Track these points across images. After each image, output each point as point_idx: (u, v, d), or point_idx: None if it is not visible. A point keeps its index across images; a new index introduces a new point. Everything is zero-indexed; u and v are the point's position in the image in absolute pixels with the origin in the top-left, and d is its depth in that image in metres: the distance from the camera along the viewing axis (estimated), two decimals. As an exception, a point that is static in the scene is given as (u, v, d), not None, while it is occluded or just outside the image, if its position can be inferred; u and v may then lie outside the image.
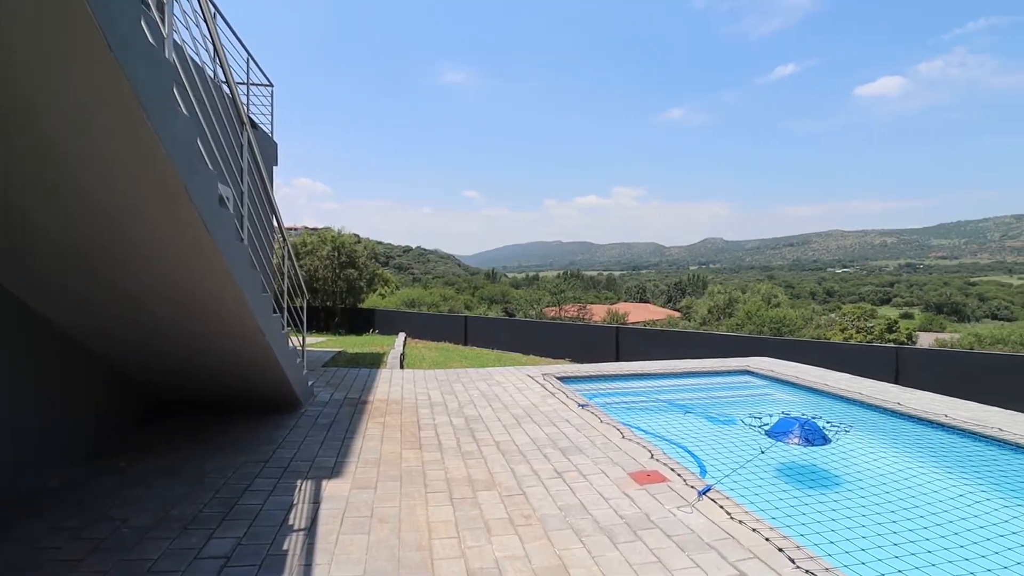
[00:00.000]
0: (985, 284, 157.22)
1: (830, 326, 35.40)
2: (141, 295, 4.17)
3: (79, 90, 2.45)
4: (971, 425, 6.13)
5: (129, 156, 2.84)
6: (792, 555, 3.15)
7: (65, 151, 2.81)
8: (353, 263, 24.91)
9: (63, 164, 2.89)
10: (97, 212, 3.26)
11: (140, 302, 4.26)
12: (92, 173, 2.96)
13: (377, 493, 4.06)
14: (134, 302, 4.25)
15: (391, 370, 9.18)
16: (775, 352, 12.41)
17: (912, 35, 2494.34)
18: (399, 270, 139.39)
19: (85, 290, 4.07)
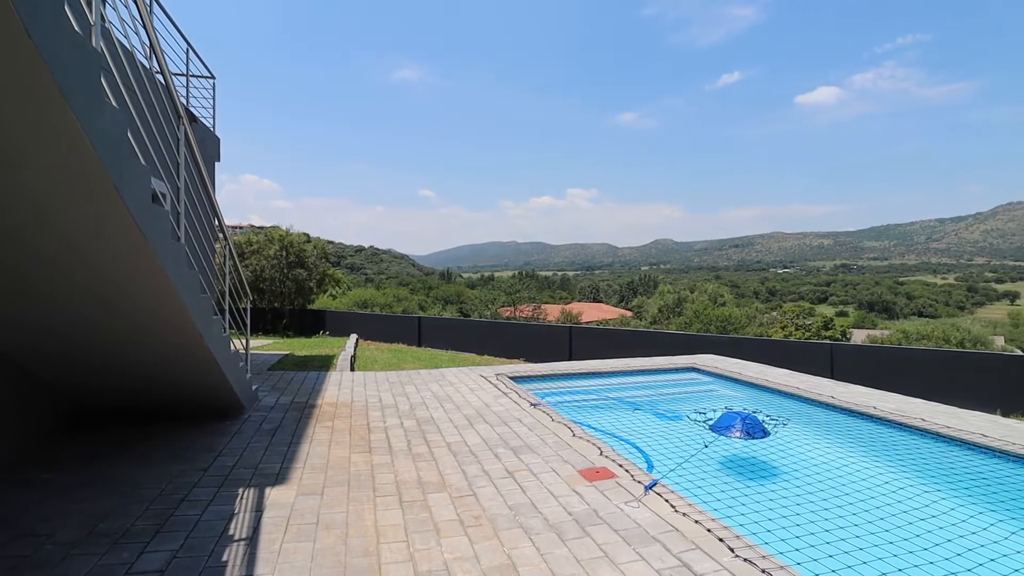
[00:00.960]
0: (912, 284, 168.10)
1: (772, 324, 37.00)
2: (66, 297, 3.93)
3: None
4: (896, 416, 6.53)
5: (50, 149, 2.67)
6: (732, 544, 3.27)
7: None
8: (302, 263, 24.24)
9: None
10: (10, 208, 3.04)
11: (62, 303, 4.01)
12: (5, 167, 2.76)
13: (324, 499, 3.96)
14: (56, 303, 4.00)
15: (341, 373, 8.98)
16: (721, 350, 12.86)
17: (847, 48, 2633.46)
18: (351, 270, 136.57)
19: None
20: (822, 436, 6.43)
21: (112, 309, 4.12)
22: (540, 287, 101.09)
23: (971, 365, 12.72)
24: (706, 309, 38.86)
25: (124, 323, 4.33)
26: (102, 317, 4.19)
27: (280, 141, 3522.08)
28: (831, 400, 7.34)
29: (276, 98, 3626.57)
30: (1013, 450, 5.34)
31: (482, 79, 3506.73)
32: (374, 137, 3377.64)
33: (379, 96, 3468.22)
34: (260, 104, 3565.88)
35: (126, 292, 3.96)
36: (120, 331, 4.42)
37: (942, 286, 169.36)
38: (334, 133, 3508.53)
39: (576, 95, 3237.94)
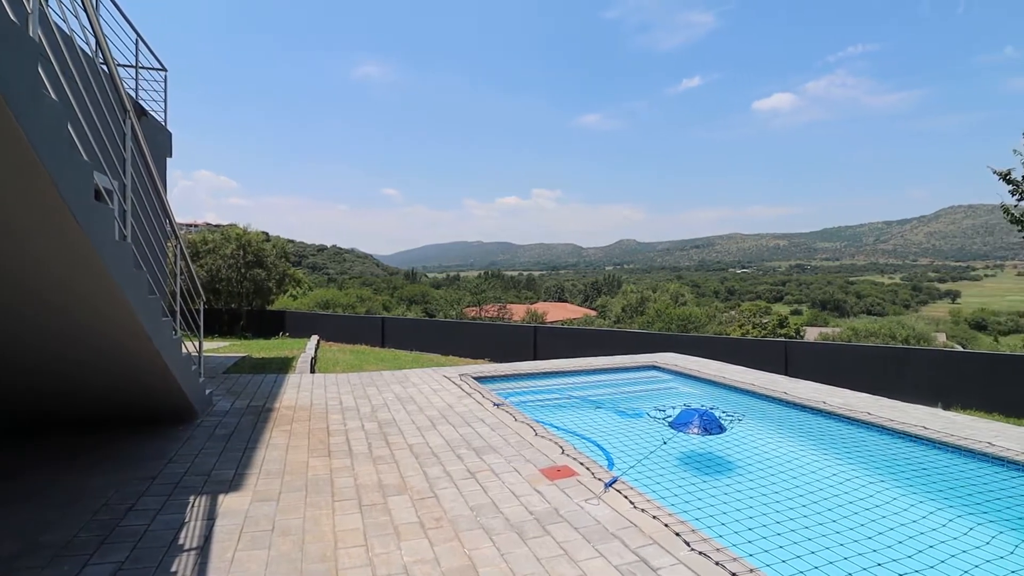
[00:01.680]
0: (861, 283, 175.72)
1: (730, 323, 38.01)
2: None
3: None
4: (844, 410, 6.81)
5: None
6: (688, 539, 3.34)
7: None
8: (261, 262, 23.58)
9: None
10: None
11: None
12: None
13: (280, 505, 3.86)
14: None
15: (300, 375, 8.78)
16: (682, 348, 13.14)
17: (801, 56, 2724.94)
18: (313, 270, 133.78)
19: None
20: (775, 431, 6.64)
21: (49, 307, 3.92)
22: (506, 287, 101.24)
23: (915, 361, 13.36)
24: (668, 308, 39.65)
25: (63, 320, 4.12)
26: (37, 314, 3.98)
27: (237, 137, 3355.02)
28: (784, 396, 7.59)
29: (233, 92, 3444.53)
30: (951, 441, 5.63)
31: (446, 77, 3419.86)
32: (336, 134, 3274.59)
33: (341, 92, 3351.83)
34: (216, 98, 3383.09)
35: (68, 291, 3.77)
36: (57, 329, 4.21)
37: (889, 285, 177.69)
38: (295, 129, 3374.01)
39: (541, 95, 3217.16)
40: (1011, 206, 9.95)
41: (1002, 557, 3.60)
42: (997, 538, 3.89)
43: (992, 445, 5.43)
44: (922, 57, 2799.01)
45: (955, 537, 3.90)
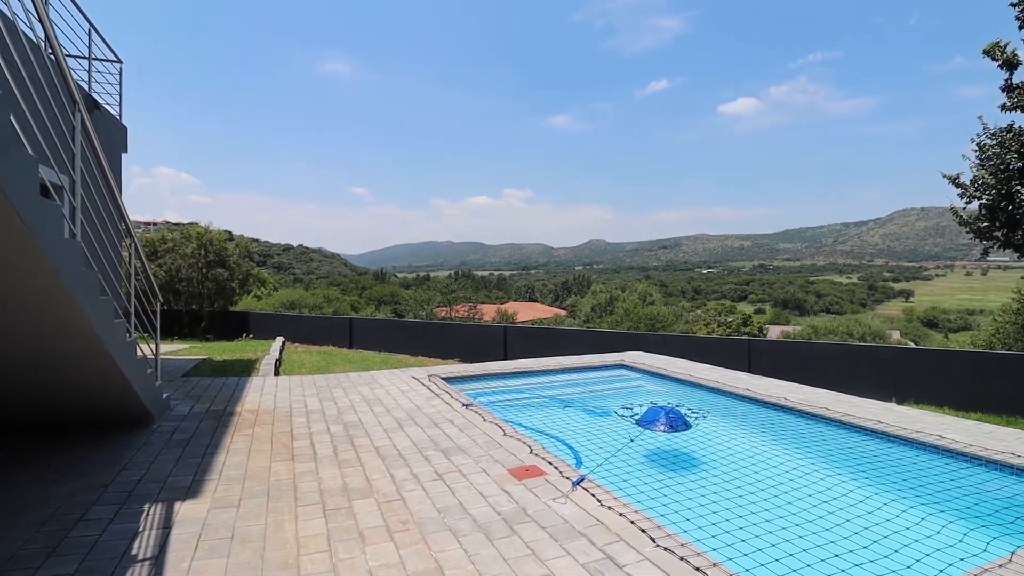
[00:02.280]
0: (821, 283, 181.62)
1: (697, 321, 38.75)
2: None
3: None
4: (804, 406, 7.01)
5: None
6: (653, 535, 3.38)
7: None
8: (223, 262, 22.93)
9: None
10: None
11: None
12: None
13: (240, 511, 3.75)
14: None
15: (264, 377, 8.56)
16: (650, 347, 13.33)
17: (765, 62, 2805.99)
18: (278, 270, 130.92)
19: None
20: (738, 427, 6.79)
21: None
22: (476, 287, 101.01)
23: (871, 357, 13.86)
24: (636, 308, 40.20)
25: (6, 319, 3.92)
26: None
27: (199, 133, 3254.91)
28: (747, 392, 7.77)
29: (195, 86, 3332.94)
30: (904, 435, 5.85)
31: (415, 75, 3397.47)
32: (303, 131, 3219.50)
33: (308, 88, 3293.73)
34: (176, 92, 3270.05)
35: (13, 290, 3.59)
36: (16, 334, 4.00)
37: (847, 285, 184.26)
38: (260, 125, 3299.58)
39: (510, 95, 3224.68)
40: (960, 209, 10.41)
41: (951, 546, 3.75)
42: (947, 527, 4.05)
43: (942, 438, 5.66)
44: (878, 65, 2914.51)
45: (907, 527, 4.05)
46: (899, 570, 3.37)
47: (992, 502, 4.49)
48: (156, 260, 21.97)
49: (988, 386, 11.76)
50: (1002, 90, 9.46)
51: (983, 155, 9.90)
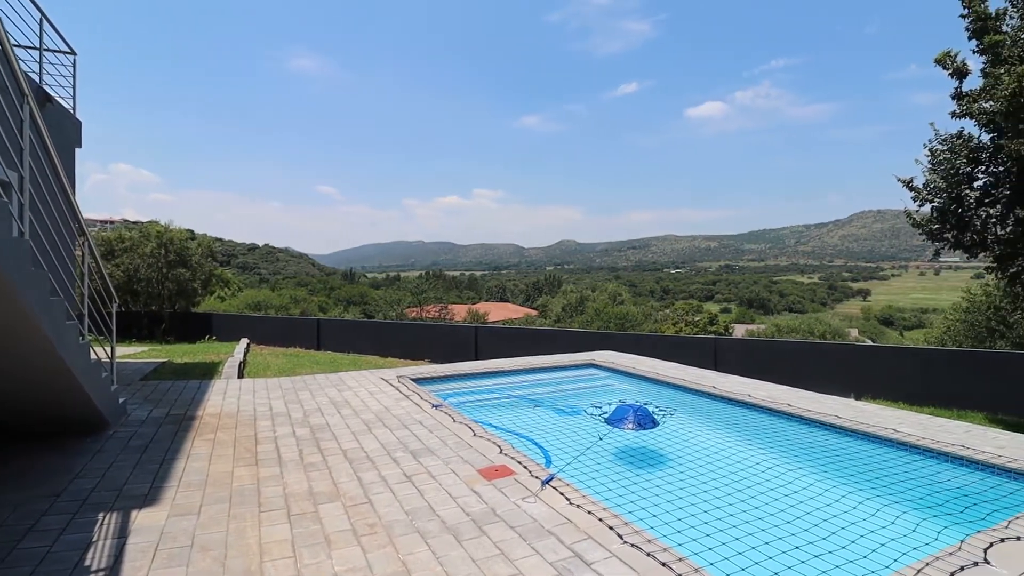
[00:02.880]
0: (784, 283, 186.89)
1: (665, 321, 39.37)
2: None
3: None
4: (767, 402, 7.19)
5: None
6: (621, 532, 3.42)
7: None
8: (185, 262, 22.25)
9: None
10: None
11: None
12: None
13: (200, 519, 3.64)
14: None
15: (227, 380, 8.34)
16: (619, 346, 13.47)
17: (730, 67, 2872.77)
18: (243, 270, 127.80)
19: None
20: (704, 423, 6.92)
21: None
22: (448, 287, 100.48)
23: (831, 355, 14.31)
24: (606, 307, 40.64)
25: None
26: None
27: (160, 128, 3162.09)
28: (712, 390, 7.93)
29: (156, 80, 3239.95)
30: (861, 429, 6.06)
31: (385, 73, 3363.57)
32: (269, 128, 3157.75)
33: (274, 84, 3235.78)
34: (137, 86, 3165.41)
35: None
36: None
37: (808, 285, 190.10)
38: (223, 121, 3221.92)
39: (482, 94, 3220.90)
40: (913, 212, 10.81)
41: (905, 535, 3.90)
42: (901, 517, 4.21)
43: (896, 431, 5.88)
44: (838, 72, 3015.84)
45: (864, 518, 4.19)
46: (855, 560, 3.48)
47: (943, 492, 4.68)
48: (113, 260, 21.19)
49: (940, 381, 12.28)
50: (952, 98, 9.87)
51: (935, 160, 10.31)
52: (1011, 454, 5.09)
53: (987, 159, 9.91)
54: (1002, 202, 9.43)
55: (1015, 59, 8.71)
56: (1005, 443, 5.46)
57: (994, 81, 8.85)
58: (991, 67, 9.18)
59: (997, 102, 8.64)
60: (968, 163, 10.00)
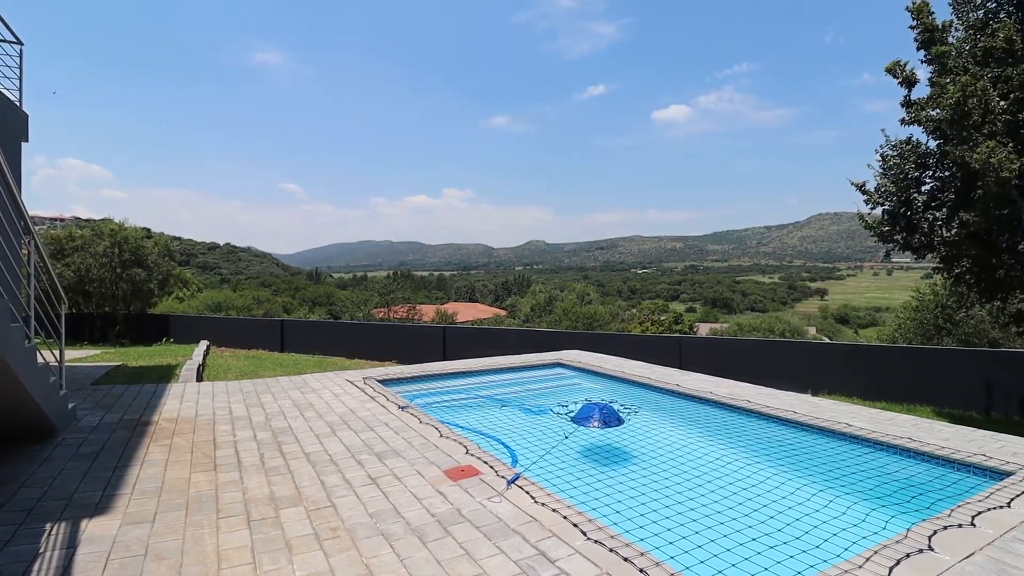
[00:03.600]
0: (746, 283, 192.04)
1: (632, 320, 39.93)
2: None
3: None
4: (729, 399, 7.38)
5: None
6: (585, 529, 3.46)
7: None
8: (140, 261, 21.47)
9: None
10: None
11: None
12: None
13: (155, 527, 3.53)
14: None
15: (185, 384, 8.09)
16: (587, 345, 13.61)
17: (694, 71, 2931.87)
18: (203, 270, 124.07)
19: None
20: (667, 420, 7.06)
21: None
22: (416, 287, 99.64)
23: (789, 352, 14.77)
24: (574, 307, 40.97)
25: None
26: None
27: (114, 122, 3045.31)
28: (676, 388, 8.09)
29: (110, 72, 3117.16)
30: (816, 423, 6.28)
31: (352, 70, 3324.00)
32: (231, 123, 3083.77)
33: (236, 78, 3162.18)
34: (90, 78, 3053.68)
35: None
36: None
37: (769, 284, 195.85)
38: (182, 116, 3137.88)
39: (451, 94, 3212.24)
40: (866, 214, 11.25)
41: (855, 525, 4.07)
42: (852, 508, 4.38)
43: (849, 425, 6.11)
44: (797, 78, 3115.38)
45: (817, 509, 4.35)
46: (809, 550, 3.61)
47: (891, 483, 4.89)
48: (63, 259, 20.31)
49: (891, 377, 12.82)
50: (902, 105, 10.31)
51: (885, 165, 10.76)
52: (954, 446, 5.35)
53: (934, 165, 10.40)
54: (947, 206, 9.90)
55: (960, 69, 9.15)
56: (949, 435, 5.73)
57: (940, 90, 9.28)
58: (938, 77, 9.63)
59: (943, 110, 9.06)
60: (916, 168, 10.47)
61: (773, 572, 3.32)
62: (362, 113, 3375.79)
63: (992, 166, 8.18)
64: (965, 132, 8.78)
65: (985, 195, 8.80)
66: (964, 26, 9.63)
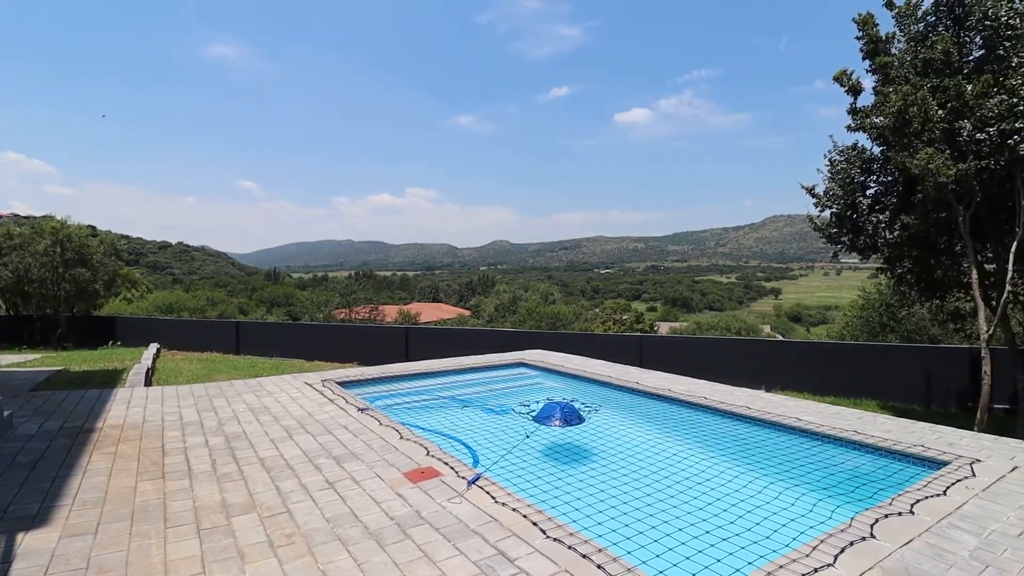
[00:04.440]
0: (704, 282, 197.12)
1: (594, 319, 40.43)
2: None
3: None
4: (686, 396, 7.55)
5: None
6: (544, 527, 3.48)
7: None
8: (84, 261, 20.46)
9: None
10: None
11: None
12: None
13: (98, 538, 3.37)
14: None
15: (132, 389, 7.75)
16: (550, 345, 13.69)
17: (656, 75, 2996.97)
18: (153, 269, 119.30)
19: None
20: (627, 417, 7.18)
21: None
22: (378, 288, 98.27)
23: (745, 350, 15.24)
24: (538, 307, 41.20)
25: None
26: None
27: (58, 114, 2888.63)
28: (636, 385, 8.24)
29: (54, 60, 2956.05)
30: (768, 418, 6.49)
31: (312, 65, 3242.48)
32: (184, 118, 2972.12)
33: (189, 71, 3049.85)
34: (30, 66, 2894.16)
35: None
36: None
37: (727, 284, 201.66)
38: (132, 109, 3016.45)
39: (415, 91, 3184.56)
40: (815, 216, 11.71)
41: (803, 515, 4.23)
42: (801, 499, 4.55)
43: (799, 420, 6.34)
44: (753, 84, 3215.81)
45: (768, 501, 4.50)
46: (760, 540, 3.74)
47: (838, 474, 5.11)
48: (0, 259, 19.17)
49: (840, 372, 13.38)
50: (848, 113, 10.79)
51: (833, 170, 11.23)
52: (896, 437, 5.62)
53: (878, 170, 10.90)
54: (890, 209, 10.40)
55: (901, 79, 9.63)
56: (891, 428, 6.02)
57: (883, 99, 9.73)
58: (881, 86, 10.10)
59: (886, 118, 9.51)
60: (862, 173, 10.96)
61: (725, 563, 3.42)
62: (324, 110, 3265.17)
63: (930, 172, 8.63)
64: (906, 139, 9.23)
65: (924, 199, 9.28)
66: (906, 38, 10.13)
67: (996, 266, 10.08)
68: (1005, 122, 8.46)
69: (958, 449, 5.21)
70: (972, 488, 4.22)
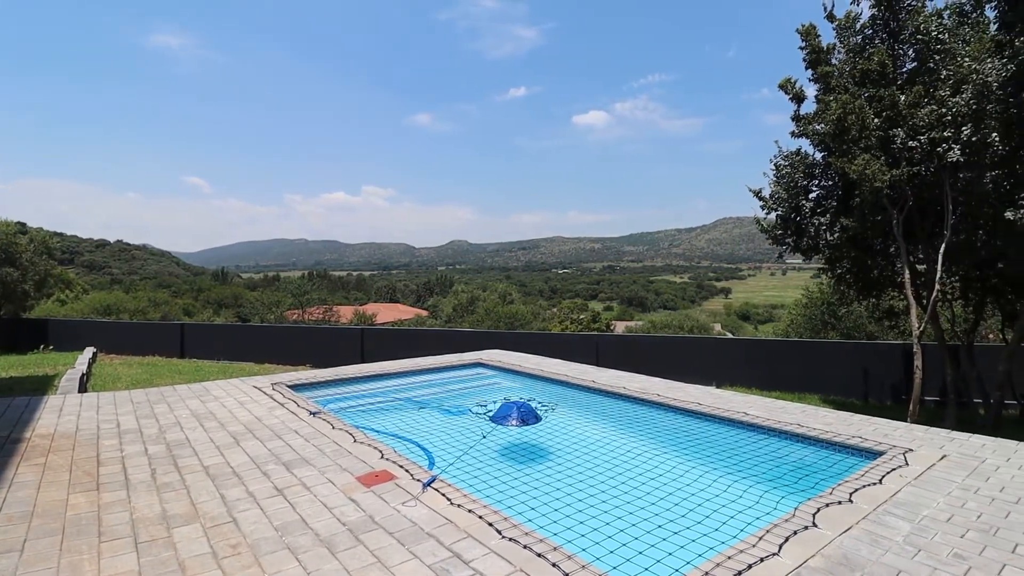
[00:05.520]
0: (659, 282, 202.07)
1: (552, 319, 40.77)
2: None
3: None
4: (640, 394, 7.69)
5: None
6: (500, 528, 3.47)
7: None
8: (12, 260, 19.16)
9: None
10: None
11: None
12: None
13: (24, 555, 3.14)
14: None
15: (64, 396, 7.30)
16: (508, 345, 13.71)
17: (612, 79, 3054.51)
18: (90, 269, 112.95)
19: None
20: (583, 416, 7.26)
21: None
22: (333, 288, 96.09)
23: (696, 347, 15.68)
24: (496, 307, 41.22)
25: None
26: None
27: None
28: (592, 384, 8.34)
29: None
30: (717, 414, 6.69)
31: (263, 56, 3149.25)
32: (125, 109, 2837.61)
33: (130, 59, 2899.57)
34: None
35: None
36: None
37: (680, 284, 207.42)
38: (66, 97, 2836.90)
39: (371, 87, 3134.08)
40: (762, 219, 12.17)
41: (751, 507, 4.37)
42: (748, 491, 4.70)
43: (747, 414, 6.56)
44: (705, 90, 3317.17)
45: (717, 494, 4.63)
46: (709, 532, 3.84)
47: (782, 466, 5.31)
48: (-87, 257, 17.73)
49: (785, 368, 13.95)
50: (792, 119, 11.27)
51: (778, 174, 11.71)
52: (836, 429, 5.89)
53: (819, 174, 11.43)
54: (830, 212, 10.92)
55: (841, 89, 10.11)
56: (832, 421, 6.30)
57: (824, 107, 10.21)
58: (823, 94, 10.59)
59: (826, 125, 9.98)
60: (804, 177, 11.46)
61: (677, 556, 3.49)
62: (277, 105, 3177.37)
63: (867, 177, 9.10)
64: (845, 145, 9.71)
65: (861, 203, 9.78)
66: (845, 49, 10.65)
67: (927, 266, 10.73)
68: (935, 131, 9.01)
69: (893, 440, 5.50)
70: (905, 476, 4.46)
